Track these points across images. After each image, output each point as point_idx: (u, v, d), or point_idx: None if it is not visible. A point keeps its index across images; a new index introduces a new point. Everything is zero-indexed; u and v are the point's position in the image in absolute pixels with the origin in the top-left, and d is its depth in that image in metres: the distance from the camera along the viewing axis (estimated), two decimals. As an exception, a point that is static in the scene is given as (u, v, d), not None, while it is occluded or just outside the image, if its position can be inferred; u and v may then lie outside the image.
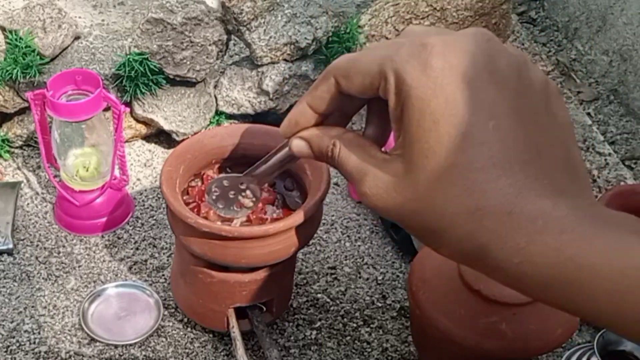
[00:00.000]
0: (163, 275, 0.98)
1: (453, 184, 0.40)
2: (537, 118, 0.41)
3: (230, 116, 1.16)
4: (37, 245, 1.01)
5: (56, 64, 1.08)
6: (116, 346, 0.90)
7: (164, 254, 1.01)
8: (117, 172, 1.03)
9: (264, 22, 1.09)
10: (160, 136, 1.18)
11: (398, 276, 1.00)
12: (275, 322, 0.93)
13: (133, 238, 1.03)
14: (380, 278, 1.00)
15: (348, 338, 0.93)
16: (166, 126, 1.12)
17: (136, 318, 0.93)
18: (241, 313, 0.86)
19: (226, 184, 0.71)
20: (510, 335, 0.75)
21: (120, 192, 1.04)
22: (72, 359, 0.88)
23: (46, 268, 0.98)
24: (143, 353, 0.89)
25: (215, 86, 1.15)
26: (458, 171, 0.39)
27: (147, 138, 1.18)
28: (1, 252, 0.99)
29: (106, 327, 0.91)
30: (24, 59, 1.04)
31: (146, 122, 1.14)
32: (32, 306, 0.94)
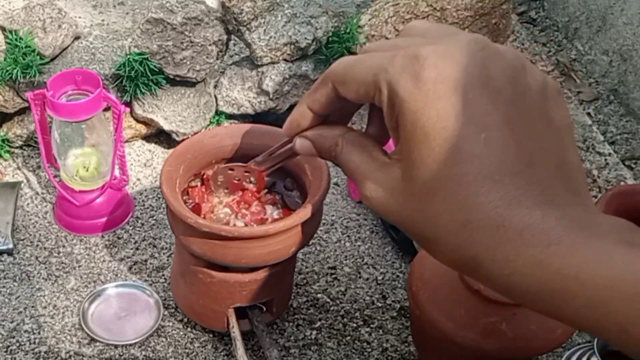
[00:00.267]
0: (163, 275, 0.98)
1: (445, 197, 0.40)
2: (532, 125, 0.41)
3: (230, 116, 1.16)
4: (37, 245, 1.01)
5: (56, 64, 1.08)
6: (116, 346, 0.90)
7: (164, 254, 1.01)
8: (117, 172, 1.03)
9: (264, 22, 1.09)
10: (160, 136, 1.18)
11: (398, 276, 1.00)
12: (275, 322, 0.93)
13: (133, 238, 1.03)
14: (380, 278, 1.00)
15: (348, 338, 0.93)
16: (166, 126, 1.12)
17: (136, 318, 0.93)
18: (241, 313, 0.86)
19: (230, 172, 0.76)
20: (510, 335, 0.75)
21: (120, 192, 1.04)
22: (72, 359, 0.88)
23: (46, 268, 0.98)
24: (143, 353, 0.89)
25: (215, 86, 1.15)
26: (449, 184, 0.40)
27: (147, 138, 1.18)
28: (1, 252, 0.99)
29: (106, 327, 0.91)
30: (24, 59, 1.04)
31: (146, 122, 1.14)
32: (32, 306, 0.94)
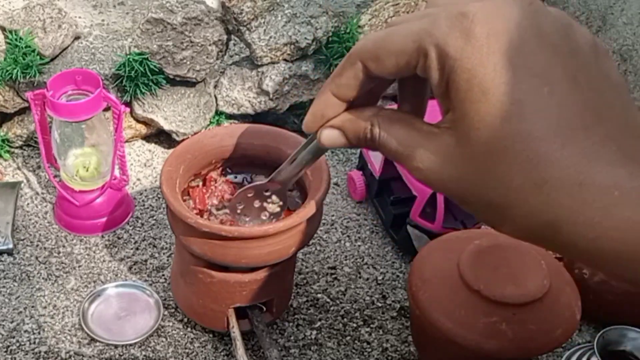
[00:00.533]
0: (163, 275, 0.98)
1: (513, 156, 0.37)
2: (591, 80, 0.38)
3: (230, 116, 1.16)
4: (37, 245, 1.01)
5: (56, 64, 1.08)
6: (116, 346, 0.90)
7: (164, 254, 1.01)
8: (117, 172, 1.03)
9: (264, 22, 1.09)
10: (160, 136, 1.18)
11: (398, 276, 1.00)
12: (275, 322, 0.93)
13: (133, 238, 1.03)
14: (380, 278, 1.00)
15: (348, 338, 0.93)
16: (166, 126, 1.12)
17: (136, 318, 0.93)
18: (241, 313, 0.86)
19: (250, 195, 0.71)
20: (510, 335, 0.75)
21: (120, 192, 1.04)
22: (72, 359, 0.88)
23: (46, 268, 0.98)
24: (143, 353, 0.89)
25: (215, 86, 1.15)
26: (517, 142, 0.36)
27: (147, 138, 1.18)
28: (1, 252, 0.99)
29: (106, 327, 0.91)
30: (24, 59, 1.04)
31: (146, 122, 1.14)
32: (32, 306, 0.94)
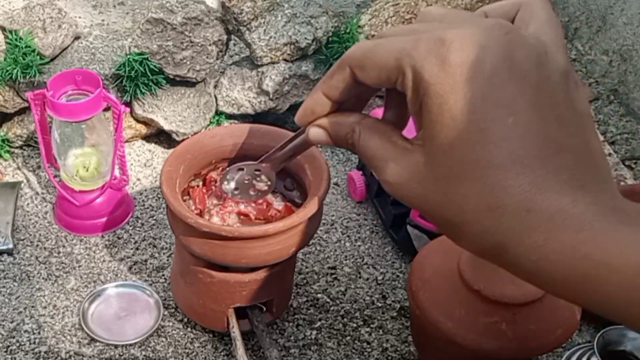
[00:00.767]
0: (163, 275, 0.98)
1: (473, 181, 0.39)
2: (557, 111, 0.40)
3: (230, 116, 1.16)
4: (37, 245, 1.01)
5: (56, 64, 1.08)
6: (116, 346, 0.90)
7: (164, 254, 1.01)
8: (117, 172, 1.03)
9: (264, 22, 1.09)
10: (160, 136, 1.18)
11: (398, 276, 1.00)
12: (275, 322, 0.93)
13: (133, 238, 1.03)
14: (380, 278, 1.00)
15: (348, 338, 0.93)
16: (166, 126, 1.12)
17: (136, 318, 0.93)
18: (241, 313, 0.86)
19: (240, 171, 0.74)
20: (510, 335, 0.75)
21: (120, 192, 1.04)
22: (72, 359, 0.88)
23: (46, 268, 0.98)
24: (143, 353, 0.89)
25: (215, 86, 1.15)
26: (478, 168, 0.39)
27: (147, 138, 1.18)
28: (1, 252, 0.99)
29: (106, 327, 0.91)
30: (24, 59, 1.04)
31: (146, 122, 1.14)
32: (32, 306, 0.94)
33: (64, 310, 0.94)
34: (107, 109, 1.03)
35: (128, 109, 1.04)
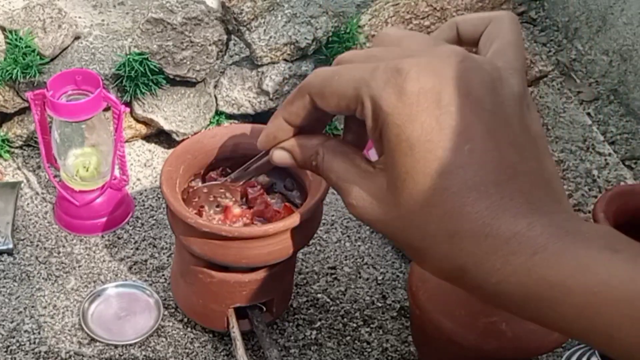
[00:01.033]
0: (163, 275, 0.98)
1: (431, 208, 0.40)
2: (512, 135, 0.41)
3: (230, 116, 1.16)
4: (37, 245, 1.01)
5: (56, 64, 1.08)
6: (116, 346, 0.90)
7: (164, 254, 1.01)
8: (117, 172, 1.03)
9: (264, 22, 1.09)
10: (160, 136, 1.18)
11: (398, 276, 1.00)
12: (275, 322, 0.93)
13: (133, 238, 1.03)
14: (380, 278, 1.00)
15: (348, 338, 0.93)
16: (166, 126, 1.12)
17: (136, 318, 0.93)
18: (241, 313, 0.86)
19: (205, 191, 0.79)
20: (510, 335, 0.75)
21: (120, 192, 1.04)
22: (72, 359, 0.88)
23: (46, 268, 0.98)
24: (143, 353, 0.89)
25: (215, 86, 1.15)
26: (435, 196, 0.40)
27: (147, 138, 1.18)
28: (1, 252, 0.99)
29: (106, 327, 0.91)
30: (24, 59, 1.04)
31: (146, 122, 1.14)
32: (32, 306, 0.94)
33: (64, 310, 0.94)
34: (107, 109, 1.03)
35: (128, 109, 1.04)
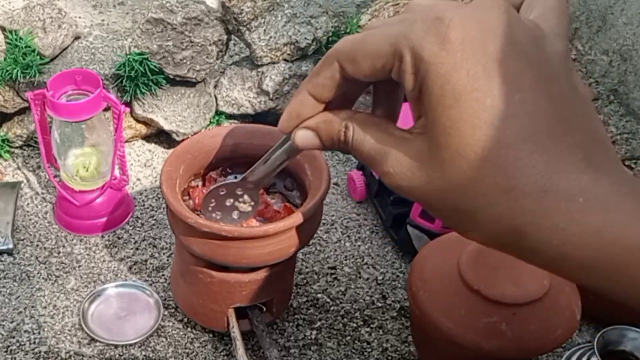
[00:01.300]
0: (163, 275, 0.98)
1: (483, 162, 0.37)
2: (561, 90, 0.39)
3: (230, 116, 1.16)
4: (37, 245, 1.01)
5: (56, 64, 1.08)
6: (116, 346, 0.90)
7: (164, 254, 1.01)
8: (117, 172, 1.03)
9: (264, 22, 1.09)
10: (160, 136, 1.18)
11: (398, 276, 1.00)
12: (275, 322, 0.93)
13: (133, 238, 1.03)
14: (380, 278, 1.00)
15: (348, 338, 0.93)
16: (166, 126, 1.12)
17: (136, 318, 0.93)
18: (241, 313, 0.86)
19: (222, 193, 0.70)
20: (510, 335, 0.75)
21: (120, 192, 1.04)
22: (72, 359, 0.88)
23: (46, 268, 0.98)
24: (143, 353, 0.89)
25: (215, 86, 1.15)
26: (487, 148, 0.37)
27: (147, 138, 1.18)
28: (1, 252, 0.99)
29: (106, 327, 0.91)
30: (24, 59, 1.04)
31: (146, 122, 1.14)
32: (32, 306, 0.94)
33: (64, 310, 0.94)
34: (107, 109, 1.03)
35: (128, 109, 1.04)
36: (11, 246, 1.00)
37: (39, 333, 0.91)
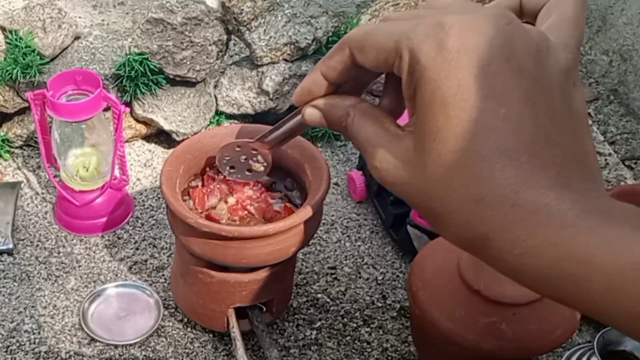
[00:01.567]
0: (163, 275, 0.98)
1: (459, 170, 0.39)
2: (551, 107, 0.40)
3: (230, 116, 1.16)
4: (37, 245, 1.01)
5: (56, 64, 1.08)
6: (116, 346, 0.90)
7: (164, 254, 1.01)
8: (117, 172, 1.03)
9: (264, 22, 1.09)
10: (160, 136, 1.18)
11: (398, 276, 1.00)
12: (275, 322, 0.93)
13: (133, 238, 1.03)
14: (380, 278, 1.00)
15: (348, 338, 0.93)
16: (166, 126, 1.12)
17: (136, 318, 0.93)
18: (241, 313, 0.86)
19: (237, 149, 0.72)
20: (510, 335, 0.75)
21: (120, 192, 1.04)
22: (72, 359, 0.88)
23: (46, 268, 0.98)
24: (143, 353, 0.89)
25: (215, 86, 1.15)
26: (465, 158, 0.39)
27: (147, 138, 1.18)
28: (1, 252, 0.99)
29: (106, 327, 0.91)
30: (24, 59, 1.04)
31: (146, 122, 1.14)
32: (32, 306, 0.94)
33: (64, 310, 0.94)
34: (107, 109, 1.03)
35: (128, 109, 1.04)
36: (11, 246, 1.00)
37: (39, 333, 0.91)
